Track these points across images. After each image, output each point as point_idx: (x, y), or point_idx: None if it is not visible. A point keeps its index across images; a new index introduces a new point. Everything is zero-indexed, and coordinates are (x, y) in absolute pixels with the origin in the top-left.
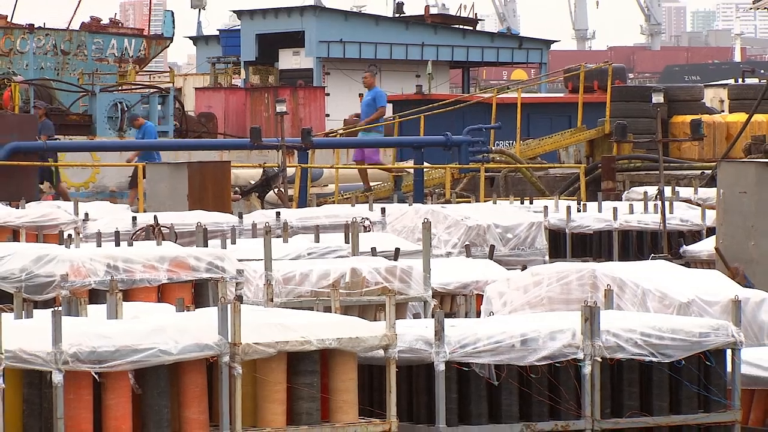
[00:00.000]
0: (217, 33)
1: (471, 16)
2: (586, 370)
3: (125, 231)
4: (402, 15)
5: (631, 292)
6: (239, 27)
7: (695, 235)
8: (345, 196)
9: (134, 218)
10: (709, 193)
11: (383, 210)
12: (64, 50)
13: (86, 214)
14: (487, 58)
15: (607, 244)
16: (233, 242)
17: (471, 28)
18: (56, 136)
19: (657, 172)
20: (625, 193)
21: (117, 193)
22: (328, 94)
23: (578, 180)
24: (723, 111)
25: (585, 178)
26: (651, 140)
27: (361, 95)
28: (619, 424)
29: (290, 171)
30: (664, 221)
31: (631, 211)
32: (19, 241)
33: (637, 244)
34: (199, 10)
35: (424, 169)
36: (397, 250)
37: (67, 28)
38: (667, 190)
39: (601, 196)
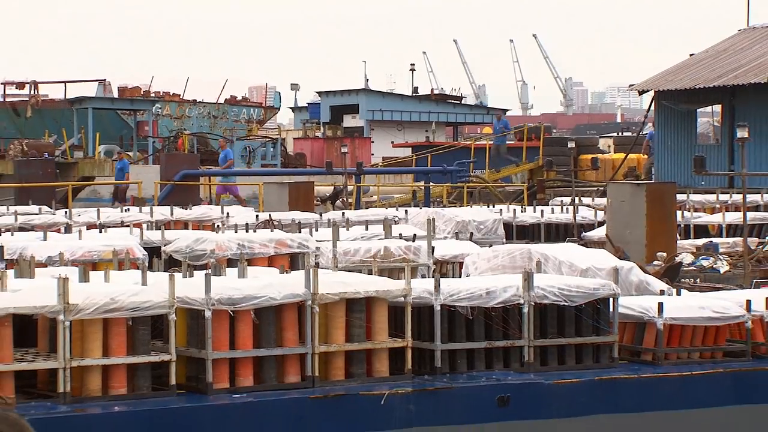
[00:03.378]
0: (307, 105)
1: (458, 94)
2: (525, 310)
3: (251, 223)
4: (417, 94)
5: (552, 262)
6: (320, 101)
7: (590, 227)
8: (383, 203)
9: (257, 216)
10: (600, 201)
11: (406, 211)
12: (214, 115)
13: (228, 213)
14: (468, 119)
15: (538, 232)
16: (316, 230)
17: (458, 101)
18: (209, 166)
19: (570, 188)
20: (550, 201)
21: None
22: (373, 142)
23: (523, 193)
24: (610, 152)
25: (527, 192)
26: (567, 170)
27: (393, 142)
28: (544, 342)
29: (350, 188)
30: (575, 218)
31: (553, 212)
32: (187, 229)
33: (556, 232)
34: (296, 91)
35: (430, 187)
36: (414, 235)
37: (216, 101)
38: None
39: (535, 203)
